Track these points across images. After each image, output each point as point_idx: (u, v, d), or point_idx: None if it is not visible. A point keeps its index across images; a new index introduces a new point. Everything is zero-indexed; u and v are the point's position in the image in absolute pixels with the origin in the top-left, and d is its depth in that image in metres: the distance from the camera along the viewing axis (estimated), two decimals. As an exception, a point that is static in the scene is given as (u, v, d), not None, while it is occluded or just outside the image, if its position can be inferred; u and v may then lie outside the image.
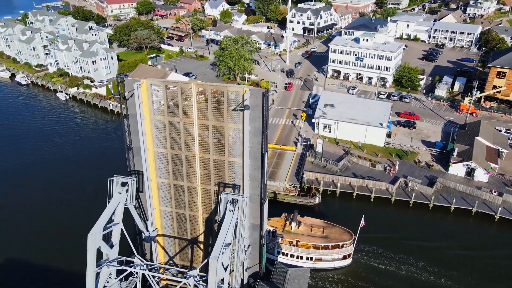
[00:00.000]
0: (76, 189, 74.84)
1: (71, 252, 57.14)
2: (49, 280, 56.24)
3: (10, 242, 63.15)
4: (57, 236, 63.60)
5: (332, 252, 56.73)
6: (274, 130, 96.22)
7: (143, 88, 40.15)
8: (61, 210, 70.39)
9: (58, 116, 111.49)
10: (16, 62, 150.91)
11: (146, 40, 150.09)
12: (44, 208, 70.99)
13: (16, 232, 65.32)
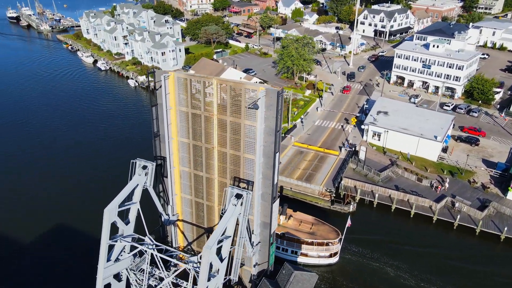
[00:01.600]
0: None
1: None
2: (78, 245, 61.32)
3: (56, 196, 70.87)
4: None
5: (317, 249, 57.55)
6: (321, 133, 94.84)
7: (171, 80, 42.73)
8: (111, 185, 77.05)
9: (126, 100, 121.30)
10: (100, 49, 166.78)
11: (214, 35, 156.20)
12: (99, 180, 78.20)
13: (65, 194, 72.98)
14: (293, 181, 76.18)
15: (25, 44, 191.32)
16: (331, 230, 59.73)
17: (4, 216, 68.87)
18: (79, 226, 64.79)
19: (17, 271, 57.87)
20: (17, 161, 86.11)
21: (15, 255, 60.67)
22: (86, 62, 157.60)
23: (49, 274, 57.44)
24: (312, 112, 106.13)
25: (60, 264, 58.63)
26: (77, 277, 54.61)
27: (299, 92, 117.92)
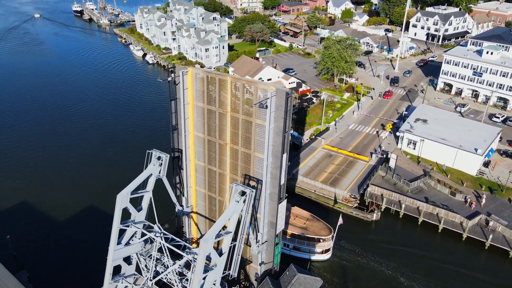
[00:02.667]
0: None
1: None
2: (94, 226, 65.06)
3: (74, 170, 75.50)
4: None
5: (308, 244, 58.40)
6: (354, 137, 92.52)
7: (189, 76, 44.12)
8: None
9: (167, 94, 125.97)
10: (150, 43, 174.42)
11: (259, 33, 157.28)
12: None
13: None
14: (317, 184, 75.22)
15: (86, 36, 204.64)
16: (324, 227, 60.57)
17: (39, 190, 74.72)
18: (103, 208, 68.49)
19: (43, 246, 62.66)
20: (61, 142, 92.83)
21: (39, 230, 65.71)
22: (136, 55, 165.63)
23: (69, 251, 61.53)
24: (348, 116, 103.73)
25: (81, 242, 62.59)
26: (94, 256, 57.93)
27: (337, 94, 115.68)
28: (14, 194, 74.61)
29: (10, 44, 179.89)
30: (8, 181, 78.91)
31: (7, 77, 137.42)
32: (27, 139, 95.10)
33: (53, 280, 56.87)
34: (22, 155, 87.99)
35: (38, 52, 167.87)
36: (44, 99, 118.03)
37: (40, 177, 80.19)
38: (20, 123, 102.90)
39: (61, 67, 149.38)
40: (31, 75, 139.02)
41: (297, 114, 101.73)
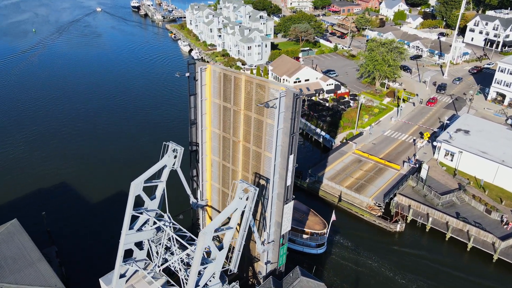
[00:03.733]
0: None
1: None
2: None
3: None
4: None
5: (302, 237, 59.76)
6: (388, 144, 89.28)
7: (207, 72, 45.19)
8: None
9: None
10: (197, 40, 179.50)
11: (303, 33, 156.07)
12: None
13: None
14: (342, 188, 73.67)
15: (139, 30, 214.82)
16: (319, 222, 61.73)
17: (78, 172, 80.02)
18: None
19: (74, 224, 67.17)
20: (104, 129, 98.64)
21: (72, 209, 70.38)
22: (183, 50, 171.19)
23: (96, 231, 65.29)
24: (385, 122, 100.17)
25: (108, 224, 66.17)
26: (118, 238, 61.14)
27: (376, 98, 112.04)
28: (56, 174, 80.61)
29: (71, 36, 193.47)
30: (52, 161, 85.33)
31: (64, 65, 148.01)
32: (74, 124, 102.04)
33: (78, 256, 60.80)
34: (68, 138, 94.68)
35: (95, 44, 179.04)
36: (94, 88, 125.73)
37: (81, 160, 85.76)
38: (71, 109, 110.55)
39: (113, 58, 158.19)
40: (85, 65, 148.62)
41: (331, 116, 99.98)
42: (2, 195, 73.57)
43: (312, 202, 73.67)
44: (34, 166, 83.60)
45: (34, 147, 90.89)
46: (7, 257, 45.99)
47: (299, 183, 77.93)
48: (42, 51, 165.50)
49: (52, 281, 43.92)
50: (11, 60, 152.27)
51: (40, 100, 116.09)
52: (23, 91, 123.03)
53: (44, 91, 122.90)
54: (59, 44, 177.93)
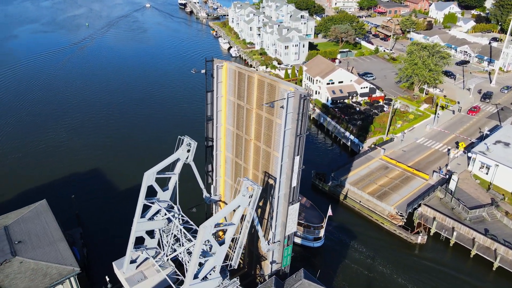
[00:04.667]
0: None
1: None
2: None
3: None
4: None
5: (298, 229, 59.78)
6: (419, 152, 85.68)
7: (224, 70, 45.91)
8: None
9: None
10: (237, 38, 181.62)
11: (343, 34, 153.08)
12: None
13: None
14: (364, 194, 71.85)
15: (183, 27, 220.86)
16: (317, 216, 63.31)
17: (110, 160, 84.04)
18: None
19: (101, 208, 70.71)
20: (138, 121, 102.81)
21: (101, 193, 74.11)
22: (223, 47, 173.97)
23: (120, 216, 68.16)
24: (419, 129, 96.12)
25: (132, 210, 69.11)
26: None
27: (413, 104, 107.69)
28: (89, 161, 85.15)
29: (119, 30, 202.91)
30: (87, 148, 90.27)
31: (108, 59, 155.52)
32: (111, 114, 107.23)
33: (100, 239, 63.98)
34: (104, 128, 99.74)
35: (140, 39, 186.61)
36: (134, 81, 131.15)
37: (113, 149, 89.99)
38: (110, 100, 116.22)
39: (155, 53, 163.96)
40: (128, 59, 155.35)
41: (363, 120, 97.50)
42: (37, 177, 78.94)
43: (332, 207, 72.68)
44: (71, 152, 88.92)
45: (74, 134, 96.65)
46: (32, 234, 49.55)
47: (321, 186, 76.99)
48: (90, 44, 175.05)
49: (68, 261, 46.73)
50: (62, 52, 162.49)
51: (83, 90, 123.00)
52: (69, 81, 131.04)
53: (88, 82, 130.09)
54: (106, 38, 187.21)
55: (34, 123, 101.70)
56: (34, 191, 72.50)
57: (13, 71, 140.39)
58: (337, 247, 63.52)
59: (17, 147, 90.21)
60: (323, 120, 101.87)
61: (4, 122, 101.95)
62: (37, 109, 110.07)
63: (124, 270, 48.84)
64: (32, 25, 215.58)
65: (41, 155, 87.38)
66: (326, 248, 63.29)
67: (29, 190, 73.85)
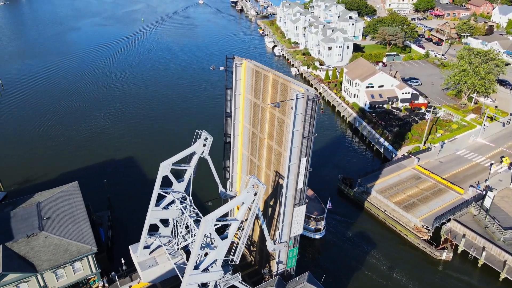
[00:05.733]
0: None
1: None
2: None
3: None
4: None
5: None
6: (457, 164, 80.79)
7: (243, 68, 46.46)
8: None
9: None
10: (283, 37, 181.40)
11: (391, 36, 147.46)
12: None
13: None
14: (390, 203, 69.22)
15: (232, 24, 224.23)
16: (319, 208, 64.24)
17: (144, 148, 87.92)
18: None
19: (130, 193, 74.18)
20: (175, 112, 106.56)
21: (131, 179, 77.68)
22: (268, 46, 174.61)
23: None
24: (462, 140, 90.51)
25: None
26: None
27: (459, 113, 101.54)
28: (126, 149, 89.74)
29: (170, 26, 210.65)
30: (125, 137, 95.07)
31: (155, 53, 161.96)
32: (152, 105, 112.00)
33: (126, 222, 67.39)
34: (144, 119, 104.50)
35: (189, 35, 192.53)
36: (177, 76, 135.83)
37: (149, 139, 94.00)
38: (153, 92, 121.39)
39: (200, 49, 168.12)
40: (175, 54, 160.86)
41: (400, 127, 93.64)
42: (76, 160, 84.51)
43: (357, 214, 70.91)
44: (109, 139, 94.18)
45: (115, 122, 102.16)
46: (59, 213, 53.46)
47: (346, 191, 75.26)
48: (141, 38, 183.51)
49: (87, 240, 49.91)
50: (115, 44, 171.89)
51: (130, 82, 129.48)
52: (117, 72, 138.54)
53: (135, 74, 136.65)
54: (156, 33, 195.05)
55: (81, 110, 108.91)
56: (71, 173, 77.77)
57: (71, 60, 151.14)
58: (354, 252, 61.98)
59: (62, 132, 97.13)
60: (358, 124, 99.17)
61: (55, 108, 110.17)
62: (85, 97, 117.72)
63: (138, 254, 51.28)
64: (93, 18, 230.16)
65: (82, 140, 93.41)
66: (341, 252, 62.07)
67: (67, 172, 79.37)
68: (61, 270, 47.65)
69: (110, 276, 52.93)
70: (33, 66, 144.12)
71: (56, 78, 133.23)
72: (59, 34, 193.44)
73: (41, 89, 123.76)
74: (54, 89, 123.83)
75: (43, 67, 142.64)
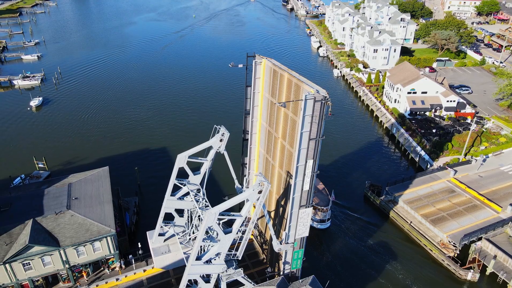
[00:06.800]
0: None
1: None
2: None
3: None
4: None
5: None
6: (500, 180, 75.14)
7: (262, 66, 46.73)
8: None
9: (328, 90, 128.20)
10: (330, 37, 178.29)
11: (443, 41, 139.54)
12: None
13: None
14: (416, 215, 66.11)
15: (281, 23, 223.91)
16: (325, 200, 65.58)
17: (176, 138, 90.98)
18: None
19: (158, 181, 77.15)
20: (209, 107, 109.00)
21: (161, 167, 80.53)
22: (313, 46, 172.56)
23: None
24: (509, 155, 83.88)
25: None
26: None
27: (510, 126, 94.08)
28: (160, 138, 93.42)
29: (219, 23, 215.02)
30: (162, 128, 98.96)
31: (200, 49, 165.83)
32: (193, 99, 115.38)
33: (152, 209, 69.89)
34: (184, 111, 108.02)
35: (236, 32, 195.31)
36: (217, 73, 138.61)
37: (185, 131, 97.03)
38: (197, 86, 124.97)
39: (245, 46, 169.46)
40: (218, 50, 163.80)
41: (440, 137, 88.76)
42: (113, 146, 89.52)
43: (381, 222, 68.54)
44: (147, 129, 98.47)
45: (155, 113, 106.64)
46: (86, 195, 57.14)
47: (372, 198, 72.92)
48: (189, 34, 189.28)
49: (108, 222, 52.91)
50: (164, 39, 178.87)
51: (174, 75, 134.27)
52: (163, 65, 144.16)
53: (179, 68, 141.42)
54: (204, 29, 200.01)
55: (126, 100, 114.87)
56: (106, 159, 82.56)
57: (123, 53, 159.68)
58: (372, 259, 60.13)
59: (105, 119, 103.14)
60: (395, 131, 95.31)
61: (102, 97, 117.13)
62: (131, 87, 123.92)
63: (153, 240, 53.54)
64: (149, 14, 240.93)
65: (122, 128, 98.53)
66: (359, 258, 60.52)
67: (104, 157, 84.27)
68: (81, 247, 50.97)
69: (127, 258, 55.74)
70: (89, 56, 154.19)
71: (107, 68, 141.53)
72: (116, 27, 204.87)
73: (93, 78, 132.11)
74: (104, 79, 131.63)
75: (97, 58, 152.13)
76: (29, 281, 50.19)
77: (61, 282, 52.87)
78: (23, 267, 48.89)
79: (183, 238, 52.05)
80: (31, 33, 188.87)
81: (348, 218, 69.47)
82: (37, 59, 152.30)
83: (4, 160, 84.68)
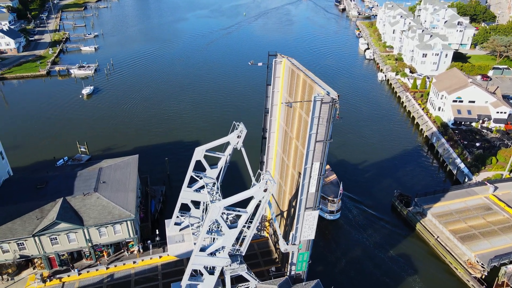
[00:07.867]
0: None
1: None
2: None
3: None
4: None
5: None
6: (545, 201, 68.74)
7: (282, 66, 46.65)
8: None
9: (359, 91, 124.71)
10: (379, 39, 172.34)
11: (503, 47, 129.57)
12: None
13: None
14: (445, 230, 62.51)
15: (331, 23, 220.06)
16: (335, 191, 66.37)
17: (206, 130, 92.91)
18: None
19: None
20: (234, 103, 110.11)
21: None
22: (360, 48, 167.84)
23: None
24: (561, 174, 76.46)
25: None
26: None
27: None
28: (193, 131, 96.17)
29: (268, 21, 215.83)
30: (196, 122, 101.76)
31: (244, 46, 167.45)
32: (231, 96, 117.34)
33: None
34: (221, 106, 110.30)
35: (284, 31, 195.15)
36: (257, 71, 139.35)
37: (218, 125, 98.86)
38: (237, 83, 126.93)
39: (289, 45, 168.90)
40: (266, 48, 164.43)
41: (484, 150, 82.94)
42: (148, 137, 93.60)
43: (407, 234, 65.66)
44: (183, 122, 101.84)
45: (193, 107, 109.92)
46: (113, 179, 60.49)
47: (399, 208, 70.00)
48: (235, 31, 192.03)
49: (129, 207, 55.68)
50: (212, 35, 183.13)
51: (216, 70, 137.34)
52: (207, 60, 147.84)
53: (222, 64, 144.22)
54: (252, 27, 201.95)
55: (167, 92, 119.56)
56: (141, 147, 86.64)
57: (171, 47, 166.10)
58: (393, 270, 58.06)
59: (146, 110, 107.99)
60: (435, 140, 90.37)
61: (146, 88, 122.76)
62: (173, 81, 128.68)
63: (169, 228, 55.55)
64: (202, 10, 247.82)
65: (160, 120, 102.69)
66: (377, 266, 58.70)
67: (139, 146, 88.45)
68: (103, 228, 54.17)
69: (146, 243, 58.34)
70: (140, 49, 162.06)
71: (154, 62, 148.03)
72: (169, 23, 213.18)
73: (140, 71, 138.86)
74: (150, 72, 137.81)
75: (147, 51, 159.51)
76: (55, 255, 54.25)
77: (84, 259, 56.55)
78: (51, 241, 52.95)
79: (196, 229, 53.46)
80: (92, 26, 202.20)
81: (372, 225, 67.37)
82: (94, 50, 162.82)
83: (51, 142, 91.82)
